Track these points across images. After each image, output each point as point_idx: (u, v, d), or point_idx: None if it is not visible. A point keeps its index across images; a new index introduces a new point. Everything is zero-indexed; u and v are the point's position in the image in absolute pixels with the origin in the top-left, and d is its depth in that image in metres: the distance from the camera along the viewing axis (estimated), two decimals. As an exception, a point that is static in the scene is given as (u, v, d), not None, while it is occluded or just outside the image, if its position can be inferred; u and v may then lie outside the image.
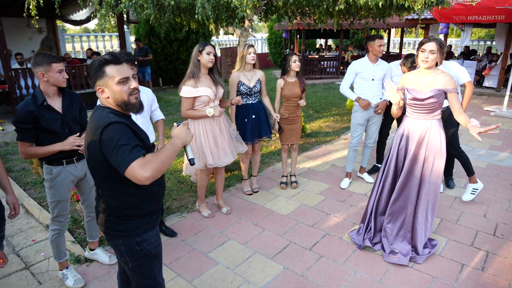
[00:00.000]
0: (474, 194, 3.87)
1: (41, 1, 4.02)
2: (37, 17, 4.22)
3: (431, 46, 2.66)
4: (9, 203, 2.25)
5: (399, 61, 4.35)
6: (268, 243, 3.25)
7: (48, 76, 2.38)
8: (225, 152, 3.51)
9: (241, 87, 3.80)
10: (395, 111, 3.00)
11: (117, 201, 1.72)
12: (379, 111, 4.13)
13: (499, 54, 11.23)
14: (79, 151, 2.56)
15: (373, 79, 4.06)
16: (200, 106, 3.35)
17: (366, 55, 4.11)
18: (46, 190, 2.64)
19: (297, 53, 4.03)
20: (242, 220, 3.66)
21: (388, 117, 4.46)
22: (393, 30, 16.36)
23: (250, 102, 3.90)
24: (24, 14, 4.22)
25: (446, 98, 2.78)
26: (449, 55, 12.56)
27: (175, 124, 1.83)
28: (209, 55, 3.26)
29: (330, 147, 5.90)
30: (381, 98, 4.14)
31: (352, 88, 4.24)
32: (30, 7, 4.02)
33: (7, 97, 7.65)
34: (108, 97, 1.67)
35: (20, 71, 7.43)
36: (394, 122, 4.58)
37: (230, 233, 3.43)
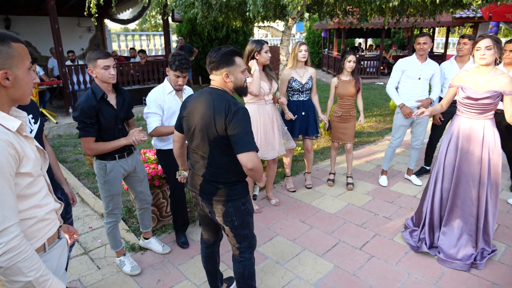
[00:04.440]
0: None
1: (101, 0, 4.22)
2: (97, 15, 4.42)
3: (486, 42, 2.62)
4: (67, 193, 2.37)
5: (452, 57, 4.16)
6: (316, 240, 3.24)
7: (95, 72, 2.41)
8: (273, 147, 3.54)
9: (293, 83, 3.82)
10: (437, 108, 3.08)
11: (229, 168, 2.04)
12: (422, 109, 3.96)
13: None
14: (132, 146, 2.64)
15: (419, 78, 3.94)
16: (254, 99, 3.45)
17: (414, 54, 4.00)
18: (99, 186, 2.67)
19: (354, 53, 4.00)
20: (289, 216, 3.66)
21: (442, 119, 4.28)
22: (436, 29, 15.69)
23: (301, 99, 3.91)
24: (85, 13, 4.44)
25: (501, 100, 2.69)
26: None
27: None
28: (267, 53, 3.34)
29: (374, 148, 5.78)
30: (426, 98, 4.01)
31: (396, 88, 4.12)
32: (91, 5, 4.24)
33: (59, 92, 8.10)
34: (231, 82, 2.02)
35: (73, 67, 7.85)
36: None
37: (278, 229, 3.45)
